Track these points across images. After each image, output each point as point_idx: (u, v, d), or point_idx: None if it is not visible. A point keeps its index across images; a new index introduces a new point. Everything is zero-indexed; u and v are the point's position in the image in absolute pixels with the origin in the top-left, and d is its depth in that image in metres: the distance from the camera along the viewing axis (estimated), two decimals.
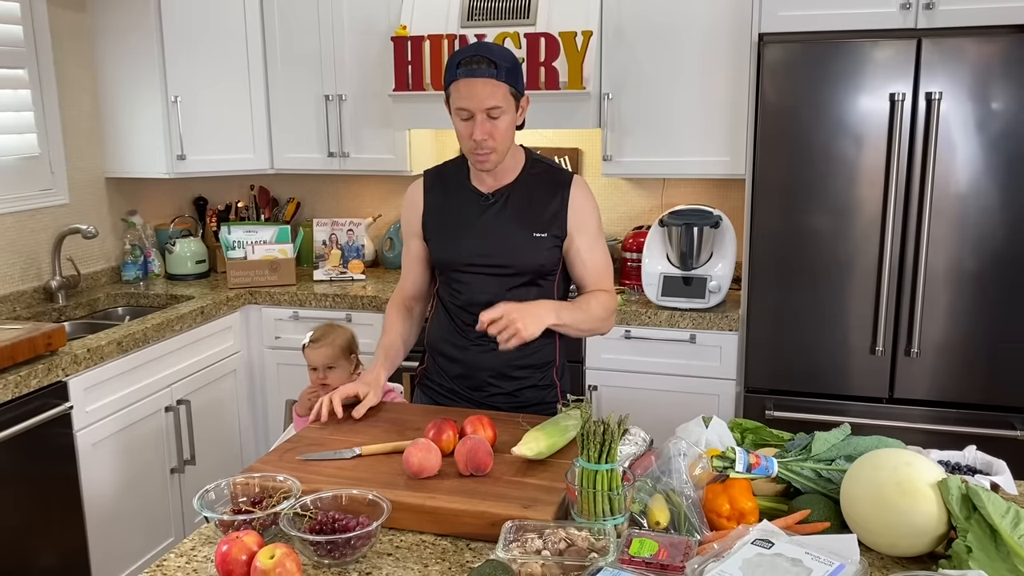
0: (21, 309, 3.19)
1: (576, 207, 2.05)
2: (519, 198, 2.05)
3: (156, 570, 1.46)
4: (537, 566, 1.34)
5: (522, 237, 2.03)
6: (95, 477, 2.76)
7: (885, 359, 2.82)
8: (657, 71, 3.21)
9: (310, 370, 2.47)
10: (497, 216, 2.05)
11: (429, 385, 2.23)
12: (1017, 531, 1.32)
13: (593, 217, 2.09)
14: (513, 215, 2.04)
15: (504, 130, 1.94)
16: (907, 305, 2.78)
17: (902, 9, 2.75)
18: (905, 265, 2.76)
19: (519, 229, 2.03)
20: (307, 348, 2.45)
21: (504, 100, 1.92)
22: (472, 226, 2.06)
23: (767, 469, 1.59)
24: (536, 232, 2.03)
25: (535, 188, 2.05)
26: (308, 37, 3.57)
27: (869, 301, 2.80)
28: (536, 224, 2.03)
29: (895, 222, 2.74)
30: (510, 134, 1.98)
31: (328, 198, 4.08)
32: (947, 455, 1.67)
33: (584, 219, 2.06)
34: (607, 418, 1.51)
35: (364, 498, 1.53)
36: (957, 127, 2.64)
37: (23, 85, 3.19)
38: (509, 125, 1.96)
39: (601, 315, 2.05)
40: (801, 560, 1.29)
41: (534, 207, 2.04)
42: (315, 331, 2.49)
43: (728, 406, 3.06)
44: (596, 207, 2.11)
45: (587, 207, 2.07)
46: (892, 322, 2.80)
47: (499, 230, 2.04)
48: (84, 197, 3.52)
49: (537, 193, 2.04)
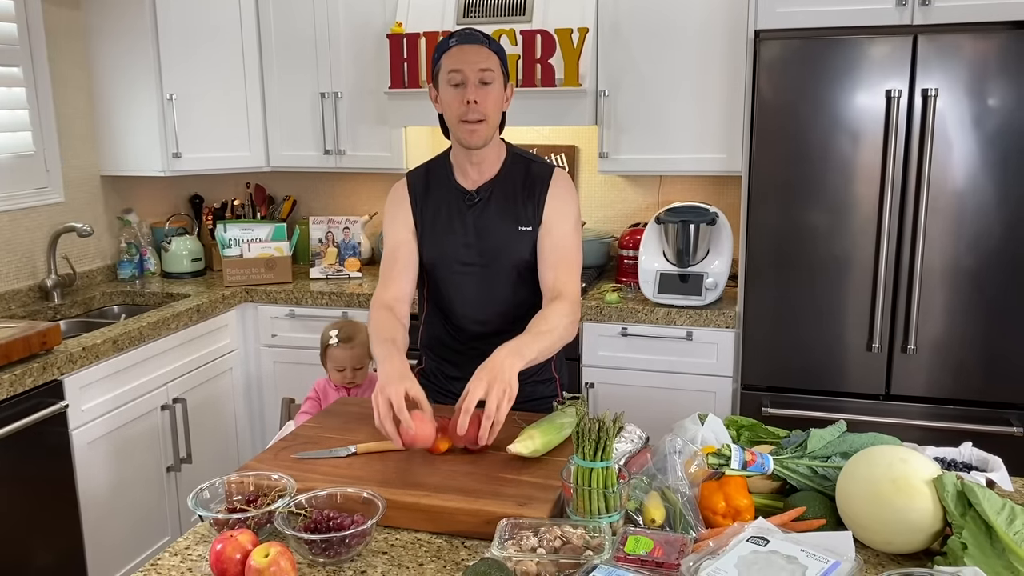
0: (16, 308, 3.18)
1: (554, 198, 2.02)
2: (502, 192, 2.03)
3: (150, 569, 1.45)
4: (532, 564, 1.34)
5: (507, 232, 2.02)
6: (91, 476, 2.76)
7: (881, 356, 2.83)
8: (653, 68, 3.21)
9: (335, 371, 2.43)
10: (482, 213, 2.03)
11: (427, 385, 2.21)
12: (1012, 528, 1.32)
13: (571, 210, 2.04)
14: (498, 210, 2.03)
15: (494, 99, 1.94)
16: (903, 302, 2.78)
17: (898, 5, 2.74)
18: (901, 262, 2.76)
19: (504, 224, 2.02)
20: (337, 348, 2.40)
21: (496, 68, 1.93)
22: (459, 224, 2.04)
23: (763, 466, 1.59)
24: (521, 226, 2.02)
25: (518, 181, 2.04)
26: (304, 35, 3.57)
27: (865, 298, 2.80)
28: (521, 218, 2.02)
29: (891, 219, 2.74)
30: (499, 107, 1.97)
31: (324, 196, 4.07)
32: (943, 452, 1.67)
33: (561, 210, 2.02)
34: (602, 415, 1.50)
35: (359, 496, 1.53)
36: (953, 124, 2.64)
37: (18, 83, 3.18)
38: (498, 97, 1.95)
39: (564, 332, 1.90)
40: (796, 557, 1.29)
41: (518, 200, 2.02)
42: (340, 330, 2.44)
43: (724, 403, 3.06)
44: (576, 202, 2.07)
45: (568, 198, 2.04)
46: (888, 319, 2.80)
47: (485, 227, 2.03)
48: (79, 195, 3.51)
49: (520, 186, 2.03)
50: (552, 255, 1.99)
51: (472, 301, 2.04)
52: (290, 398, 2.59)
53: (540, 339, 1.82)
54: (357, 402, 2.20)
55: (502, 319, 2.06)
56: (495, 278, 2.04)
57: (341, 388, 2.53)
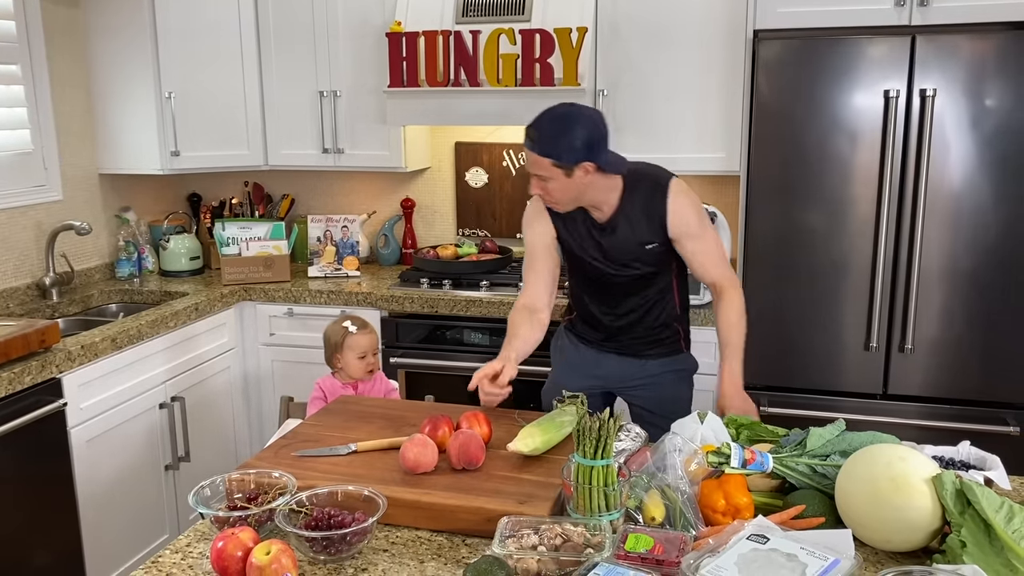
0: (14, 306, 3.18)
1: (674, 213, 2.21)
2: (624, 223, 2.23)
3: (152, 566, 1.46)
4: (533, 562, 1.34)
5: (635, 251, 2.24)
6: (89, 474, 2.76)
7: (879, 355, 2.83)
8: (652, 68, 3.21)
9: (356, 359, 2.54)
10: (612, 239, 2.25)
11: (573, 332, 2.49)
12: (1011, 526, 1.33)
13: (692, 217, 2.23)
14: (623, 237, 2.24)
15: (556, 191, 2.12)
16: (901, 302, 2.78)
17: (897, 6, 2.75)
18: (899, 262, 2.77)
19: (632, 247, 2.24)
20: (356, 335, 2.54)
21: (547, 171, 2.09)
22: (592, 246, 2.28)
23: (762, 465, 1.60)
24: (648, 244, 2.24)
25: (635, 211, 2.22)
26: (303, 33, 3.56)
27: (863, 298, 2.81)
28: (646, 236, 2.23)
29: (889, 219, 2.74)
30: (566, 193, 2.14)
31: (323, 195, 4.07)
32: (941, 451, 1.68)
33: (685, 222, 2.22)
34: (602, 414, 1.51)
35: (360, 494, 1.53)
36: (951, 124, 2.65)
37: (16, 81, 3.17)
38: (560, 188, 2.12)
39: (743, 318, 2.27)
40: (796, 555, 1.29)
41: (639, 227, 2.23)
42: (351, 320, 2.58)
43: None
44: (693, 204, 2.24)
45: (686, 211, 2.22)
46: (886, 319, 2.81)
47: (617, 249, 2.26)
48: (77, 193, 3.51)
49: (639, 213, 2.22)
50: (695, 258, 2.26)
51: (609, 299, 2.37)
52: (288, 396, 2.59)
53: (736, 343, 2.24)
54: (357, 400, 2.20)
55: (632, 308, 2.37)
56: (627, 284, 2.33)
57: (348, 385, 2.54)
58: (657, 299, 2.35)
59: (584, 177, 2.10)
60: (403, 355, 3.35)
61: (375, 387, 2.59)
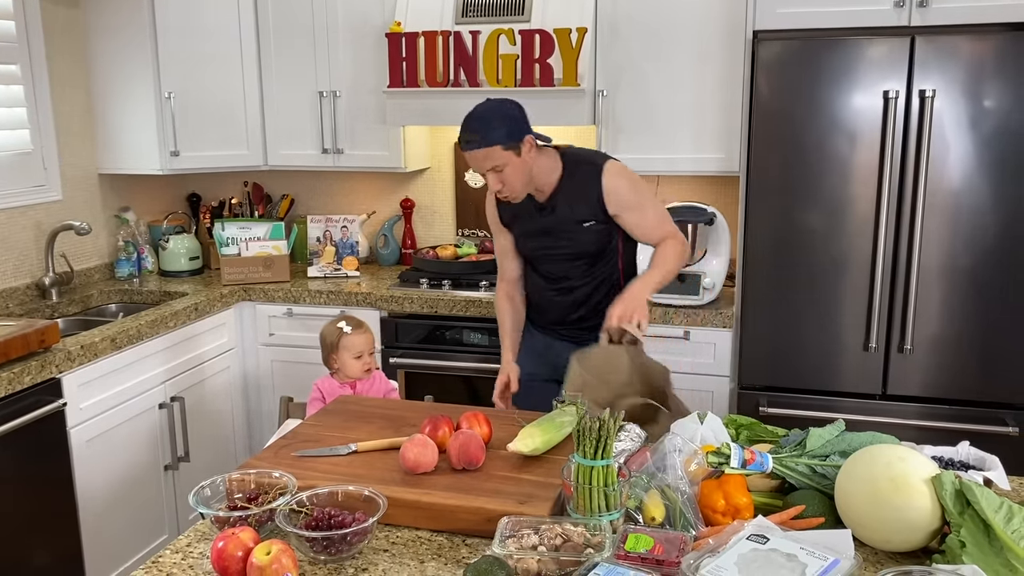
0: (14, 306, 3.18)
1: (609, 192, 2.34)
2: (563, 202, 2.38)
3: (152, 566, 1.46)
4: (533, 562, 1.34)
5: (573, 229, 2.38)
6: (89, 474, 2.76)
7: (878, 356, 2.84)
8: (652, 68, 3.22)
9: (352, 359, 2.55)
10: (552, 218, 2.40)
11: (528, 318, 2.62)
12: (1010, 526, 1.33)
13: (628, 193, 2.36)
14: (562, 216, 2.38)
15: (511, 176, 2.26)
16: (900, 302, 2.79)
17: (896, 7, 2.75)
18: (898, 262, 2.77)
19: (570, 225, 2.38)
20: (351, 336, 2.56)
21: (500, 158, 2.22)
22: (535, 226, 2.43)
23: (762, 465, 1.60)
24: (585, 223, 2.37)
25: (574, 191, 2.37)
26: (302, 33, 3.56)
27: (862, 298, 2.81)
28: (583, 215, 2.36)
29: (888, 219, 2.74)
30: (519, 176, 2.28)
31: (322, 195, 4.07)
32: (940, 451, 1.68)
33: (620, 198, 2.36)
34: (602, 414, 1.51)
35: (360, 494, 1.53)
36: (950, 125, 2.65)
37: (15, 81, 3.17)
38: (514, 171, 2.25)
39: (677, 259, 2.37)
40: (796, 555, 1.30)
41: (577, 205, 2.37)
42: (346, 321, 2.59)
43: (722, 403, 3.07)
44: (628, 180, 2.37)
45: (620, 188, 2.35)
46: (885, 319, 2.81)
47: (556, 228, 2.40)
48: (77, 193, 3.51)
49: (576, 193, 2.37)
50: (637, 229, 2.40)
51: (555, 276, 2.49)
52: (288, 396, 2.59)
53: (660, 270, 2.32)
54: (357, 400, 2.20)
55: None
56: (574, 264, 2.46)
57: (346, 385, 2.54)
58: (604, 278, 2.45)
59: (530, 153, 2.26)
60: (403, 355, 3.35)
61: (374, 387, 2.59)
